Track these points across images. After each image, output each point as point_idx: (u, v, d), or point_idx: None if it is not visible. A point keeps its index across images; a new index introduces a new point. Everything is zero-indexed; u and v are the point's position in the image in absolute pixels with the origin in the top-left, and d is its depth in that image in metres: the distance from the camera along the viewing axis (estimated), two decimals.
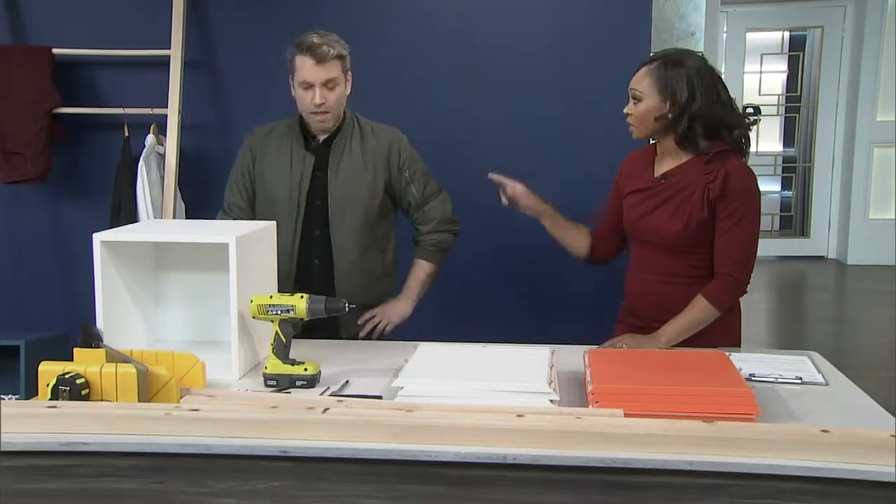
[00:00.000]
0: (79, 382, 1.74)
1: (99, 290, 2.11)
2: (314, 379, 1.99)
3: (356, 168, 2.73)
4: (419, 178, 2.82)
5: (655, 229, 2.40)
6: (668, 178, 2.39)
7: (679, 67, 2.30)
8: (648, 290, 2.47)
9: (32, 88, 3.80)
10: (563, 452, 1.59)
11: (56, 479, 1.68)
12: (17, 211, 3.99)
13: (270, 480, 1.65)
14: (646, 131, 2.39)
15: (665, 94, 2.30)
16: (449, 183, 3.73)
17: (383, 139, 2.78)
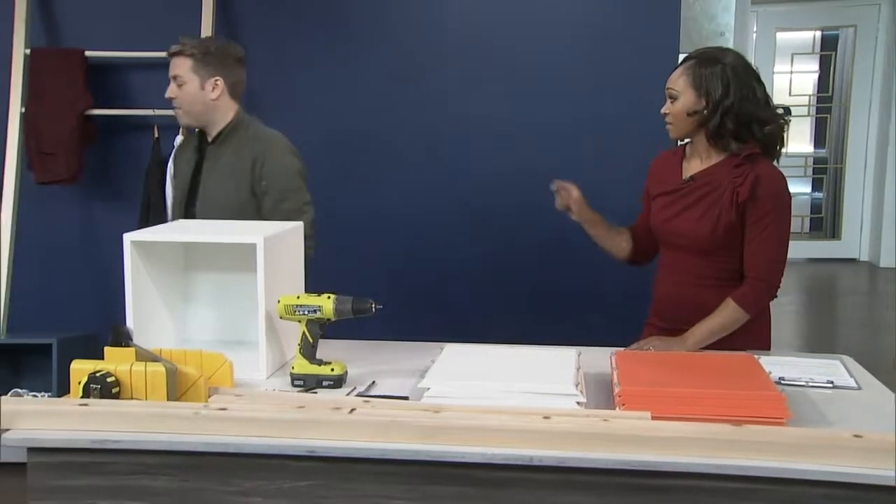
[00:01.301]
0: (109, 381, 1.76)
1: (129, 289, 2.13)
2: (341, 379, 2.00)
3: (223, 172, 2.80)
4: (275, 193, 2.79)
5: (683, 232, 2.39)
6: (696, 180, 2.39)
7: (714, 65, 2.31)
8: (676, 293, 2.46)
9: (66, 90, 3.84)
10: (590, 455, 1.59)
11: (87, 475, 1.71)
12: (50, 211, 4.03)
13: (297, 480, 1.66)
14: (682, 130, 2.39)
15: (700, 91, 2.31)
16: (478, 185, 3.75)
17: (254, 148, 2.81)
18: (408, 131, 3.81)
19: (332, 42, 3.83)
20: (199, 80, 2.78)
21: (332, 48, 3.83)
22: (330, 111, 3.86)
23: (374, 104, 3.83)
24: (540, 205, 3.70)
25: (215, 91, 2.80)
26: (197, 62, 2.78)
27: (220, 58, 2.82)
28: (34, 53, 3.87)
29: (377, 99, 3.82)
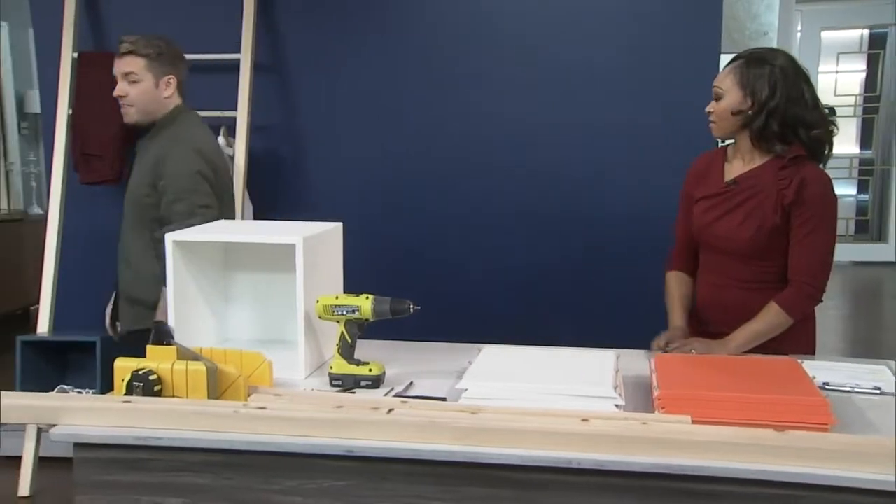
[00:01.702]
0: (151, 379, 1.79)
1: (171, 288, 2.16)
2: (379, 379, 2.01)
3: (140, 169, 2.91)
4: (170, 194, 2.81)
5: (726, 235, 2.37)
6: (739, 184, 2.37)
7: (763, 65, 2.30)
8: (717, 295, 2.44)
9: (110, 93, 3.89)
10: (629, 458, 1.58)
11: (131, 472, 1.73)
12: (93, 211, 4.08)
13: (336, 480, 1.68)
14: (725, 129, 2.38)
15: (746, 91, 2.30)
16: (517, 188, 3.74)
17: (162, 146, 2.87)
18: (446, 134, 3.81)
19: (371, 43, 3.84)
20: (153, 78, 2.89)
21: (371, 49, 3.85)
22: (368, 112, 3.88)
23: (413, 106, 3.83)
24: (579, 207, 3.71)
25: (168, 89, 2.91)
26: (151, 61, 2.88)
27: (172, 57, 2.95)
28: (81, 57, 3.93)
29: (416, 101, 3.83)
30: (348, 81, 3.89)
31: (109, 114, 3.87)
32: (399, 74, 3.83)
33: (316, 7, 3.87)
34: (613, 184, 3.66)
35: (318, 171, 3.94)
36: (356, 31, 3.86)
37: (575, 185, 3.70)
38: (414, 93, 3.83)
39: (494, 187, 3.78)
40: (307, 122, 3.94)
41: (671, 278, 2.57)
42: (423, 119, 3.83)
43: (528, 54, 3.70)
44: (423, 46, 3.81)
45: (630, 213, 3.59)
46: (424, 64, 3.82)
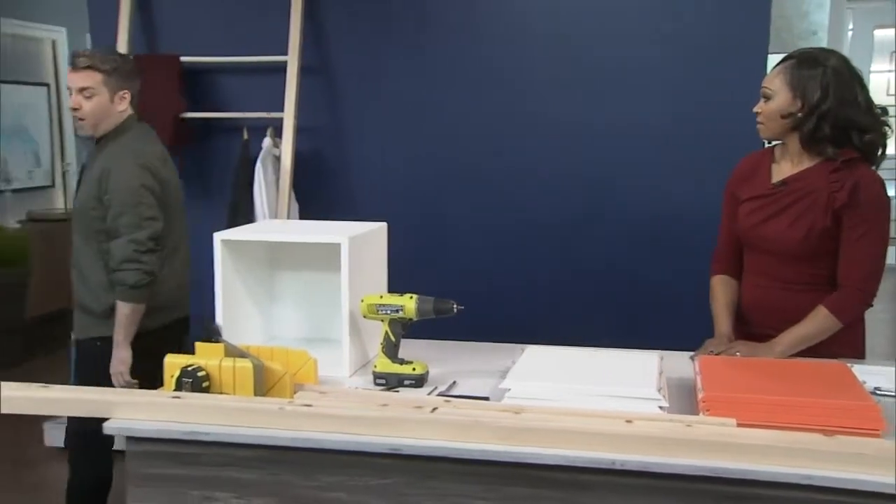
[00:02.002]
0: (200, 375, 1.81)
1: (219, 286, 2.18)
2: (422, 378, 2.02)
3: (88, 179, 2.89)
4: (115, 207, 2.80)
5: (773, 237, 2.32)
6: (788, 185, 2.32)
7: (815, 67, 2.23)
8: (762, 297, 2.40)
9: (162, 95, 3.94)
10: (673, 460, 1.57)
11: (180, 465, 1.76)
12: None
13: (379, 477, 1.68)
14: (773, 130, 2.32)
15: (796, 93, 2.24)
16: (559, 187, 3.73)
17: (107, 161, 2.85)
18: (489, 135, 3.81)
19: (414, 46, 3.85)
20: (109, 93, 2.87)
21: (414, 52, 3.85)
22: (411, 113, 3.88)
23: (455, 108, 3.83)
24: (622, 208, 3.68)
25: (122, 103, 2.91)
26: (108, 76, 2.87)
27: (127, 72, 2.94)
28: (135, 59, 3.99)
29: (458, 103, 3.83)
30: (392, 84, 3.90)
31: (161, 115, 3.92)
32: (441, 77, 3.84)
33: (360, 11, 3.89)
34: (657, 184, 3.62)
35: (362, 171, 3.95)
36: (399, 35, 3.87)
37: (619, 186, 3.67)
38: (456, 95, 3.83)
39: (537, 188, 3.76)
40: (352, 123, 3.96)
41: (717, 283, 2.53)
42: (466, 120, 3.82)
43: (573, 54, 3.68)
44: (465, 49, 3.81)
45: (674, 214, 3.55)
46: (466, 66, 3.82)
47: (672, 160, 3.59)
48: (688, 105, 3.55)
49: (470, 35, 3.81)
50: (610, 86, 3.65)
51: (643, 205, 3.64)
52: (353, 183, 3.96)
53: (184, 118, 3.98)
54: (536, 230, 3.77)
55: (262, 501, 1.74)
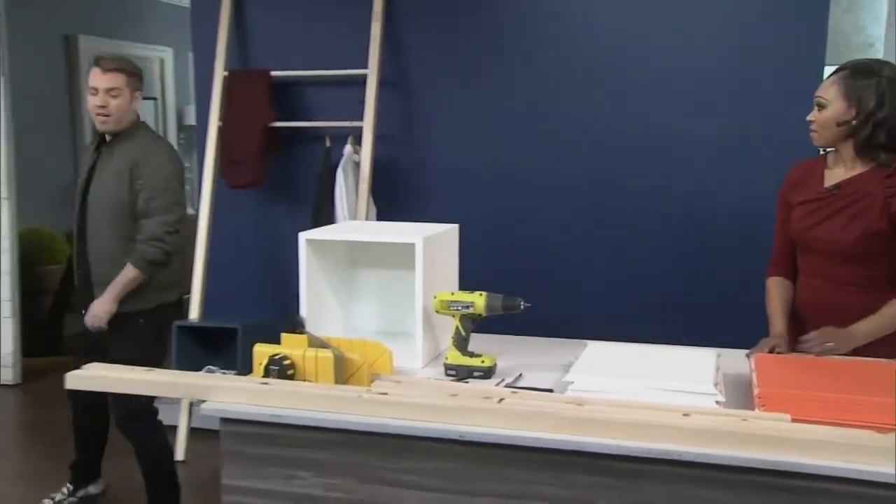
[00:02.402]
0: (285, 363, 1.82)
1: (303, 282, 2.19)
2: (490, 371, 2.00)
3: (110, 171, 2.99)
4: (147, 191, 2.97)
5: (827, 239, 2.25)
6: (843, 189, 2.24)
7: (869, 77, 2.16)
8: (816, 297, 2.32)
9: (254, 106, 4.00)
10: (729, 453, 1.52)
11: (266, 445, 1.77)
12: (237, 212, 4.21)
13: (449, 462, 1.67)
14: (827, 138, 2.25)
15: (851, 101, 2.17)
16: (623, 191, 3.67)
17: (137, 153, 3.00)
18: (557, 141, 3.78)
19: (486, 58, 3.83)
20: (129, 93, 3.00)
21: (486, 63, 3.84)
22: (482, 121, 3.87)
23: (524, 115, 3.81)
24: (685, 211, 3.61)
25: (136, 102, 3.05)
26: (130, 78, 3.01)
27: (139, 76, 3.08)
28: (230, 74, 4.06)
29: (528, 110, 3.80)
30: (464, 93, 3.89)
31: (253, 125, 4.00)
32: (508, 86, 3.82)
33: (435, 25, 3.89)
34: (719, 189, 3.55)
35: (436, 176, 3.95)
36: (468, 48, 3.86)
37: (681, 190, 3.61)
38: (522, 104, 3.80)
39: (602, 192, 3.72)
40: (426, 131, 3.96)
41: (772, 284, 2.45)
42: (531, 127, 3.80)
43: (636, 64, 3.62)
44: (535, 59, 3.79)
45: (734, 218, 3.48)
46: (532, 77, 3.79)
47: (731, 165, 3.51)
48: (746, 114, 3.47)
49: (535, 47, 3.78)
50: (671, 94, 3.59)
51: (701, 208, 3.56)
52: (426, 187, 3.96)
53: (273, 127, 4.03)
54: (598, 232, 3.72)
55: (339, 481, 1.74)
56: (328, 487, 1.74)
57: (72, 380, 1.87)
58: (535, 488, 1.63)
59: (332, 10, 4.01)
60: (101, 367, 1.92)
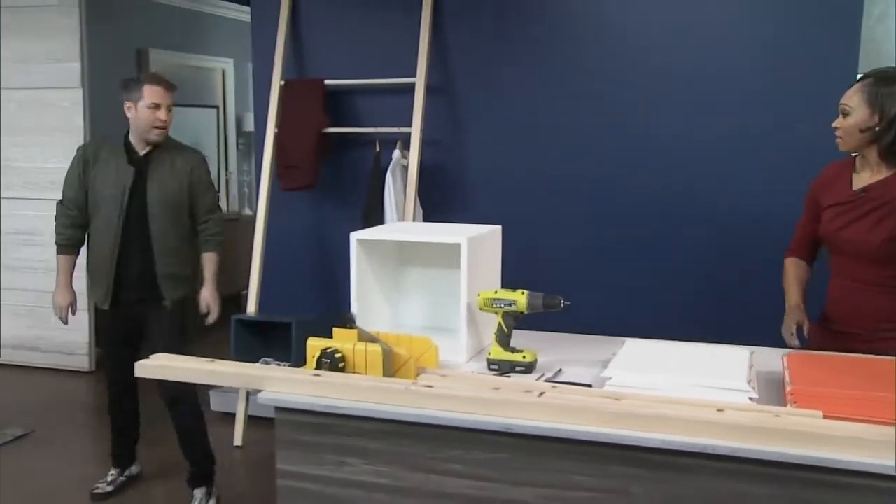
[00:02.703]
0: (337, 356, 1.82)
1: (354, 280, 2.20)
2: (531, 366, 1.98)
3: (167, 176, 3.18)
4: (204, 194, 3.26)
5: (855, 240, 2.21)
6: (869, 193, 2.20)
7: (892, 84, 2.13)
8: (845, 296, 2.28)
9: (309, 113, 4.03)
10: (761, 447, 1.49)
11: (318, 434, 1.77)
12: (291, 213, 4.25)
13: (492, 452, 1.66)
14: (851, 144, 2.22)
15: (874, 108, 2.13)
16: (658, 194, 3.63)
17: (188, 159, 3.24)
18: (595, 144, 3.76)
19: (527, 67, 3.83)
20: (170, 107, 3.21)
21: (526, 72, 3.83)
22: (523, 127, 3.87)
23: (562, 121, 3.79)
24: (716, 212, 3.55)
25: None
26: (173, 94, 3.22)
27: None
28: (286, 83, 4.09)
29: (565, 116, 3.78)
30: (506, 101, 3.88)
31: (307, 131, 4.03)
32: (549, 93, 3.81)
33: (480, 36, 3.89)
34: (750, 192, 3.50)
35: (480, 180, 3.95)
36: (511, 57, 3.85)
37: (713, 193, 3.57)
38: (562, 110, 3.80)
39: (637, 194, 3.69)
40: (471, 137, 3.96)
41: (788, 263, 2.47)
42: (571, 133, 3.79)
43: (672, 70, 3.59)
44: (572, 69, 3.77)
45: (767, 221, 3.42)
46: (571, 82, 3.77)
47: (765, 169, 3.46)
48: (782, 119, 3.42)
49: (572, 58, 3.76)
50: (709, 104, 3.56)
51: (735, 210, 3.53)
52: (471, 190, 3.96)
53: (326, 133, 4.06)
54: (637, 233, 3.70)
55: (387, 469, 1.73)
56: (376, 474, 1.74)
57: (141, 369, 1.90)
58: (573, 478, 1.61)
59: (382, 23, 4.03)
60: (167, 357, 1.95)
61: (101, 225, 3.16)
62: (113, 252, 3.15)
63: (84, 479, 3.57)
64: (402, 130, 3.88)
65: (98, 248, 3.19)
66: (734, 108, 3.51)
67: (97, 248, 3.19)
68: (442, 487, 1.70)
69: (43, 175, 5.10)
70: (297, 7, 4.17)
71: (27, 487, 3.51)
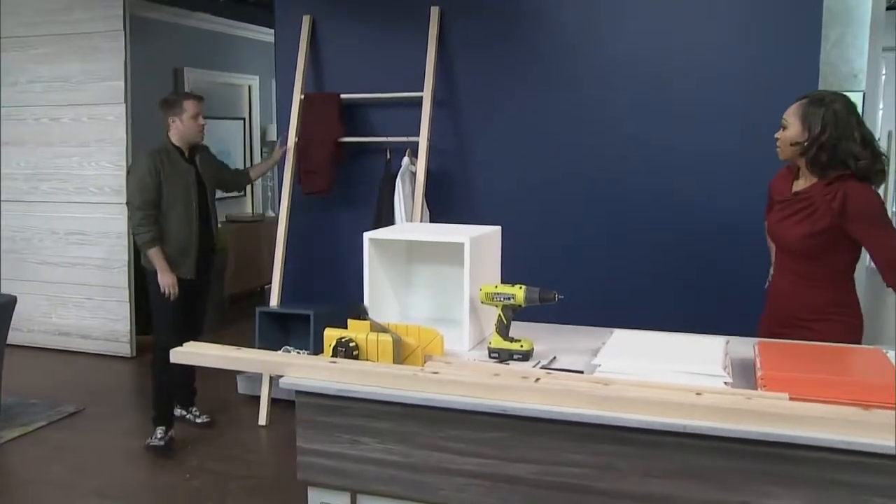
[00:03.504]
0: (351, 345, 1.82)
1: (366, 275, 2.19)
2: (528, 354, 1.97)
3: (207, 167, 3.72)
4: (225, 166, 3.97)
5: (784, 235, 2.28)
6: (798, 196, 2.26)
7: (820, 106, 2.18)
8: (780, 286, 2.35)
9: (326, 124, 4.03)
10: (735, 427, 1.49)
11: (334, 415, 1.78)
12: (309, 214, 4.25)
13: (492, 432, 1.66)
14: (786, 154, 2.28)
15: (805, 125, 2.19)
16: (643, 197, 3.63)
17: (209, 152, 3.81)
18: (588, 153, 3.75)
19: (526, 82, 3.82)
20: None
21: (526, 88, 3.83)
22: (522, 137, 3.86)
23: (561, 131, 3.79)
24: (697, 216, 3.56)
25: None
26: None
27: None
28: (306, 97, 4.09)
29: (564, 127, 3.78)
30: (506, 114, 3.88)
31: (325, 140, 4.03)
32: (546, 106, 3.81)
33: (482, 54, 3.89)
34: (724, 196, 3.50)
35: (482, 184, 3.95)
36: (511, 73, 3.85)
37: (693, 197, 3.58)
38: (558, 122, 3.79)
39: (624, 198, 3.68)
40: (473, 146, 3.96)
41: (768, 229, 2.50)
42: (567, 142, 3.79)
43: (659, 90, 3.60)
44: (567, 85, 3.77)
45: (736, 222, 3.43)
46: (568, 96, 3.77)
47: (737, 176, 3.46)
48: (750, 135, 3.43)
49: (569, 71, 3.76)
50: (690, 114, 3.57)
51: (714, 214, 3.53)
52: (473, 194, 3.96)
53: (342, 142, 4.06)
54: (625, 233, 3.69)
55: (396, 447, 1.74)
56: (387, 452, 1.74)
57: (175, 356, 1.90)
58: (565, 456, 1.61)
59: (392, 42, 4.03)
60: (198, 345, 1.95)
61: (180, 215, 3.55)
62: (193, 233, 3.59)
63: (129, 450, 3.64)
64: (410, 140, 3.87)
65: (179, 233, 3.55)
66: (712, 120, 3.51)
67: (179, 233, 3.56)
68: (445, 463, 1.70)
69: (92, 181, 5.18)
70: (316, 29, 4.16)
71: (81, 456, 3.59)
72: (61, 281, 5.31)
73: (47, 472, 3.41)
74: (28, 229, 5.37)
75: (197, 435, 3.81)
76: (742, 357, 1.91)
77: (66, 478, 3.35)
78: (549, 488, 1.63)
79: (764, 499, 1.49)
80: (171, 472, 3.42)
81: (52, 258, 5.33)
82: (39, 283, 5.35)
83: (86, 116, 5.13)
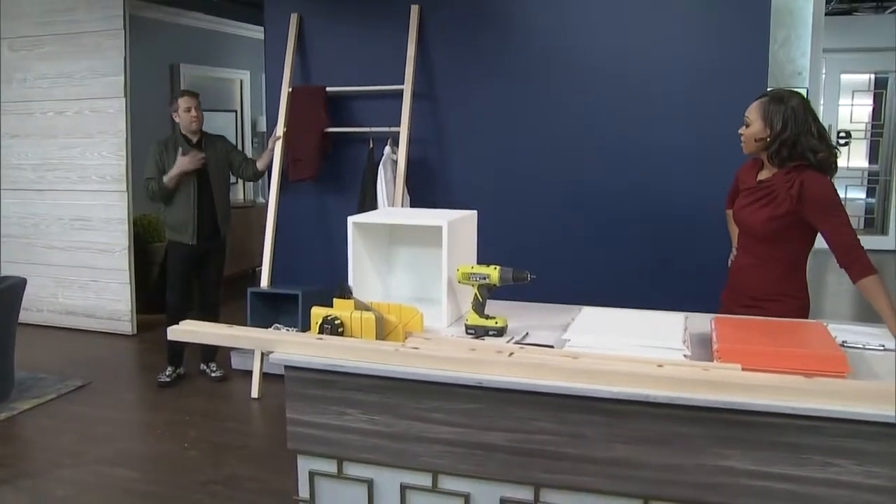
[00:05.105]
0: (336, 323, 1.77)
1: (351, 257, 2.14)
2: (503, 330, 1.93)
3: (213, 153, 3.94)
4: (238, 154, 4.12)
5: (748, 219, 2.25)
6: (762, 184, 2.24)
7: (780, 104, 2.15)
8: (737, 263, 2.34)
9: (313, 115, 3.96)
10: (693, 395, 1.48)
11: (321, 388, 1.73)
12: (297, 200, 4.19)
13: (468, 403, 1.62)
14: (750, 148, 2.25)
15: (766, 122, 2.16)
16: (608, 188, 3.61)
17: (224, 142, 4.08)
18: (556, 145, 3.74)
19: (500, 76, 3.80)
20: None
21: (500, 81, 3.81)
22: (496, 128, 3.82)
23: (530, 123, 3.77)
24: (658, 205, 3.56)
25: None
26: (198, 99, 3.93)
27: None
28: (294, 90, 4.00)
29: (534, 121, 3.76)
30: (482, 105, 3.85)
31: (311, 130, 3.96)
32: (519, 99, 3.77)
33: (459, 49, 3.86)
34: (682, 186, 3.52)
35: (459, 171, 3.92)
36: (486, 68, 3.81)
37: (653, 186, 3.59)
38: (531, 113, 3.77)
39: (591, 188, 3.68)
40: (451, 135, 3.92)
41: (729, 215, 2.48)
42: (537, 134, 3.77)
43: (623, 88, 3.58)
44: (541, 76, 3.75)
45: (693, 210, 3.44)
46: (538, 91, 3.75)
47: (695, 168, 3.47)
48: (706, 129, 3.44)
49: (541, 67, 3.74)
50: (652, 112, 3.57)
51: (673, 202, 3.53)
52: (451, 180, 3.92)
53: (327, 132, 3.99)
54: (590, 219, 3.69)
55: (380, 417, 1.69)
56: (371, 422, 1.70)
57: (172, 333, 1.83)
58: (537, 424, 1.58)
59: (375, 39, 3.97)
60: (194, 323, 1.88)
61: (180, 191, 3.84)
62: (193, 207, 3.86)
63: (133, 421, 3.62)
64: (392, 129, 3.82)
65: (181, 206, 3.86)
66: (671, 117, 3.52)
67: (181, 207, 3.86)
68: (425, 433, 1.66)
69: (94, 170, 5.09)
70: (303, 26, 4.07)
71: (88, 427, 3.55)
72: (67, 264, 5.24)
73: (59, 442, 3.38)
74: (36, 216, 5.31)
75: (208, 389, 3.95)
76: (700, 331, 1.89)
77: (75, 447, 3.31)
78: (521, 455, 1.60)
79: (718, 460, 1.48)
80: (172, 441, 3.36)
81: (58, 243, 5.25)
82: (47, 266, 5.28)
83: (88, 110, 5.07)
